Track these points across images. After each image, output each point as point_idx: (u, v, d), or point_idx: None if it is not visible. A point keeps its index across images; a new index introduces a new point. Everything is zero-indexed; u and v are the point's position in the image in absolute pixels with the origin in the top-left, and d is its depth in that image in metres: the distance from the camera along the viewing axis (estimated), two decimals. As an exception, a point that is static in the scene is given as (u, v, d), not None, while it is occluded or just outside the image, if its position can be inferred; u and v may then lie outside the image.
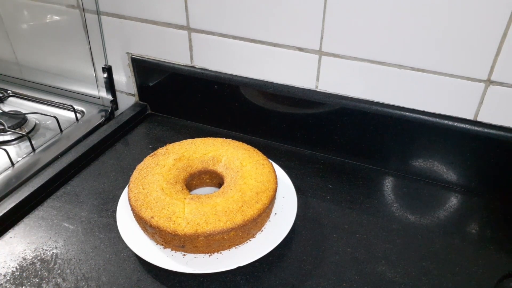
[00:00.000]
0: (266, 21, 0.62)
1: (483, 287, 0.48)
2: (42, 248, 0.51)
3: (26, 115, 0.77)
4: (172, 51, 0.72)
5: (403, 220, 0.57)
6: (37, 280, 0.47)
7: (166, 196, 0.50)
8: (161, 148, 0.58)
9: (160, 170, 0.53)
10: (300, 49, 0.62)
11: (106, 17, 0.73)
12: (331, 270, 0.49)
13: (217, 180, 0.58)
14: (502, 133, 0.56)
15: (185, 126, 0.77)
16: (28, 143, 0.69)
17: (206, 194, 0.50)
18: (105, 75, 0.78)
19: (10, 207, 0.55)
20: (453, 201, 0.60)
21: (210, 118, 0.76)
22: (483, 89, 0.55)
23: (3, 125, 0.73)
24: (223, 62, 0.69)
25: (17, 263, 0.49)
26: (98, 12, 0.73)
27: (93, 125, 0.76)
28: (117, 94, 0.83)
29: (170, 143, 0.59)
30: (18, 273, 0.48)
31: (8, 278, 0.48)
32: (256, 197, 0.50)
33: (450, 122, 0.58)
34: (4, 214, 0.55)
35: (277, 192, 0.53)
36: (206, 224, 0.46)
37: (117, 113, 0.83)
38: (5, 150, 0.65)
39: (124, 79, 0.80)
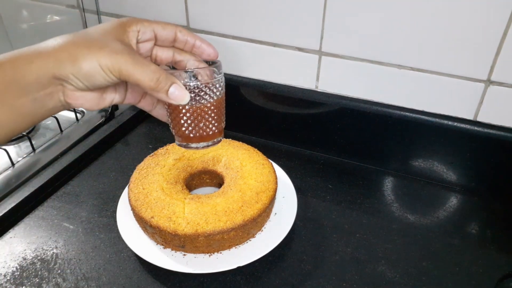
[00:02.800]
0: (266, 21, 0.62)
1: (483, 287, 0.48)
2: (42, 248, 0.51)
3: (26, 115, 0.77)
4: (172, 51, 0.72)
5: (403, 220, 0.57)
6: (37, 280, 0.47)
7: (166, 196, 0.50)
8: (161, 148, 0.58)
9: (160, 170, 0.53)
10: (300, 49, 0.62)
11: (106, 17, 0.73)
12: (331, 270, 0.49)
13: (217, 180, 0.58)
14: (502, 133, 0.56)
15: (185, 126, 0.77)
16: (28, 143, 0.69)
17: (206, 194, 0.50)
18: (105, 75, 0.78)
19: (10, 207, 0.55)
20: (453, 201, 0.60)
21: (210, 118, 0.76)
22: (483, 89, 0.55)
23: (3, 125, 0.73)
24: (223, 62, 0.69)
25: (17, 263, 0.49)
26: (98, 12, 0.73)
27: (93, 125, 0.76)
28: (117, 94, 0.83)
29: (170, 143, 0.59)
30: (18, 273, 0.48)
31: (8, 278, 0.48)
32: (256, 197, 0.50)
33: (450, 122, 0.58)
34: (4, 214, 0.55)
35: (277, 192, 0.53)
36: (206, 224, 0.46)
37: (117, 113, 0.82)
38: (5, 150, 0.65)
39: (124, 79, 0.80)
